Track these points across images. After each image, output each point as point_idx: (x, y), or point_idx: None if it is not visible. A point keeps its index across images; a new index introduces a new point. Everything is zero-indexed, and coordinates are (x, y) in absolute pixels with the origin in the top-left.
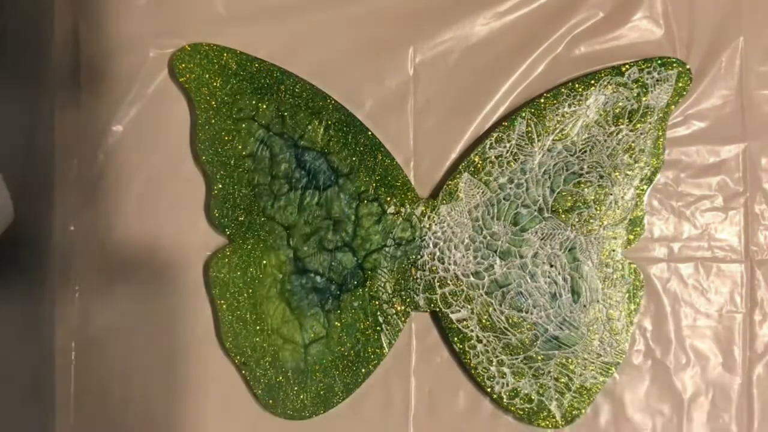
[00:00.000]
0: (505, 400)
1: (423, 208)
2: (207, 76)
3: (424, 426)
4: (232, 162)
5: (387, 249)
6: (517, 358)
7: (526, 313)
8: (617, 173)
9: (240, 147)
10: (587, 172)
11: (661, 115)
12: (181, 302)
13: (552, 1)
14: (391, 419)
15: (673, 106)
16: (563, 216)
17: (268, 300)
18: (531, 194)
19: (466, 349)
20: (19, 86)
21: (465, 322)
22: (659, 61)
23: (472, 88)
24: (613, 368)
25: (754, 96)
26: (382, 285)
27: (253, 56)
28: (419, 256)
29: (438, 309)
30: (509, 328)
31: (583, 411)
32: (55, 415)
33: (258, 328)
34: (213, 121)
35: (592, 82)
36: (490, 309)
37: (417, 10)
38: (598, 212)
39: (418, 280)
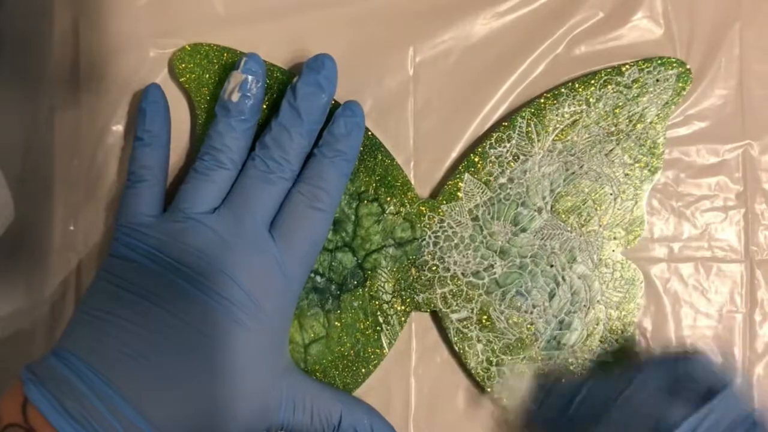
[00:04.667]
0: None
1: (423, 208)
2: (207, 76)
3: (424, 426)
4: None
5: (387, 249)
6: (517, 358)
7: (526, 313)
8: (617, 173)
9: None
10: (587, 172)
11: (661, 115)
12: None
13: (552, 1)
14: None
15: (673, 106)
16: (563, 216)
17: None
18: (531, 194)
19: (466, 349)
20: (19, 86)
21: (465, 322)
22: (659, 61)
23: (472, 88)
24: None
25: (754, 96)
26: (382, 285)
27: None
28: (419, 256)
29: (438, 309)
30: (509, 328)
31: None
32: None
33: None
34: None
35: (592, 82)
36: (490, 309)
37: (417, 10)
38: (597, 212)
39: (418, 280)
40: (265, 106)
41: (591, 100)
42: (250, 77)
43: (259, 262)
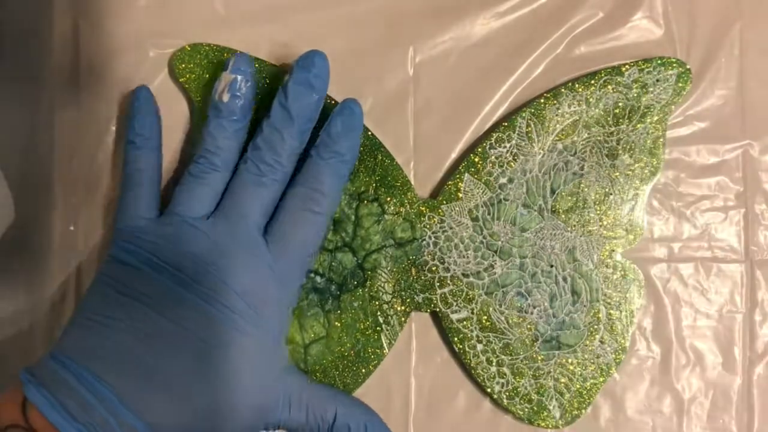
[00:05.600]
0: (505, 400)
1: (423, 208)
2: (207, 76)
3: (424, 426)
4: None
5: (387, 249)
6: (517, 358)
7: (526, 313)
8: (617, 173)
9: None
10: (587, 172)
11: (661, 115)
12: None
13: (552, 1)
14: (391, 419)
15: (673, 106)
16: (563, 216)
17: None
18: (531, 194)
19: (466, 349)
20: (19, 86)
21: (465, 322)
22: (659, 61)
23: (472, 88)
24: (613, 368)
25: (754, 96)
26: (382, 285)
27: (253, 56)
28: (419, 256)
29: (438, 309)
30: (509, 328)
31: (583, 411)
32: None
33: None
34: None
35: (592, 82)
36: (490, 309)
37: (417, 10)
38: (598, 212)
39: (418, 280)
40: (262, 107)
41: (591, 100)
42: (239, 77)
43: (254, 266)
